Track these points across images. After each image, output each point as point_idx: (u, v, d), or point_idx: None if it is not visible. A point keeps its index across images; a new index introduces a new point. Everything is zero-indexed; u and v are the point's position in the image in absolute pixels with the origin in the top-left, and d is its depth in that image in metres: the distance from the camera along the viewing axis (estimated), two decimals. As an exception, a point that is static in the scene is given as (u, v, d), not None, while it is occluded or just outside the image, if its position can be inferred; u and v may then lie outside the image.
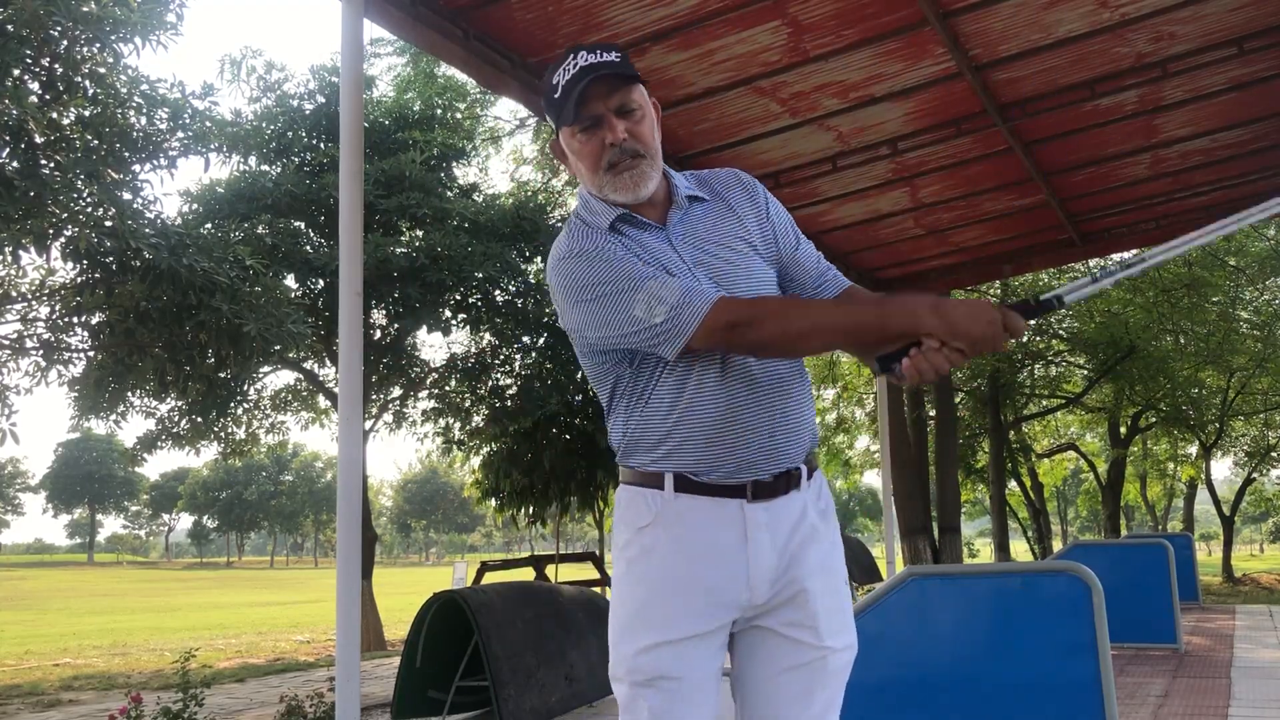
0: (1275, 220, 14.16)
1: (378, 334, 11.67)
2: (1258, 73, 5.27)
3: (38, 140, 6.54)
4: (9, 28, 5.97)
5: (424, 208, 10.74)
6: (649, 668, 1.65)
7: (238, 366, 8.52)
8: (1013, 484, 20.73)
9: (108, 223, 6.55)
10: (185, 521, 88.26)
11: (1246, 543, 71.93)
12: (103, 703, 7.75)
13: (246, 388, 12.12)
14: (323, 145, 11.26)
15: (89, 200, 6.63)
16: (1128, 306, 15.34)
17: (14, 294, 8.13)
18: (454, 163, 12.54)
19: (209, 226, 10.08)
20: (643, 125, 1.74)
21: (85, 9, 6.38)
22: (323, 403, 13.67)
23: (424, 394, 13.12)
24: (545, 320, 12.09)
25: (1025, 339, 17.93)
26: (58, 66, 6.57)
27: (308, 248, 10.76)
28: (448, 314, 11.50)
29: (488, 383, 12.50)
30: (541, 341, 12.27)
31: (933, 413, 13.94)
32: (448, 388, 12.87)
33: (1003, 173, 6.31)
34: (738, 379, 1.69)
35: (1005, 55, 4.91)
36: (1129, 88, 5.33)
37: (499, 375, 12.58)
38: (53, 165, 6.51)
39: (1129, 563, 7.38)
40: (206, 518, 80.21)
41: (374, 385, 12.10)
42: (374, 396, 12.50)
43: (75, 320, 8.11)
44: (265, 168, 11.17)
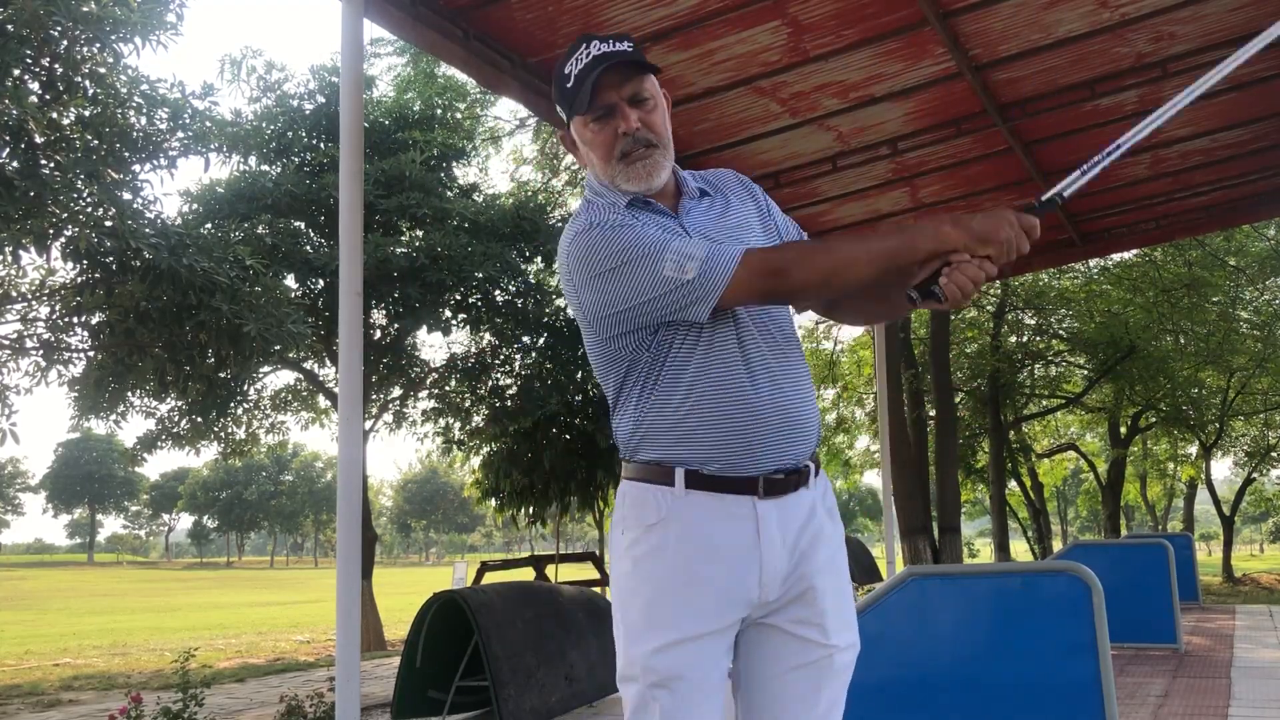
0: (1275, 220, 14.17)
1: (378, 334, 11.67)
2: (1258, 73, 5.26)
3: (38, 140, 6.54)
4: (9, 28, 5.97)
5: (424, 208, 10.75)
6: (664, 668, 1.62)
7: (238, 366, 8.53)
8: (1013, 484, 20.73)
9: (108, 223, 6.55)
10: (185, 521, 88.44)
11: (1246, 543, 71.94)
12: (103, 703, 7.75)
13: (246, 388, 12.12)
14: (323, 145, 11.27)
15: (89, 200, 6.63)
16: (1128, 306, 15.34)
17: (14, 294, 8.13)
18: (454, 163, 12.54)
19: (209, 226, 10.08)
20: (655, 115, 1.74)
21: (85, 9, 6.38)
22: (323, 403, 13.67)
23: (424, 394, 13.13)
24: (545, 320, 12.10)
25: (1025, 339, 17.97)
26: (58, 66, 6.57)
27: (308, 248, 10.77)
28: (448, 314, 11.50)
29: (488, 383, 12.51)
30: (541, 341, 12.28)
31: (933, 413, 13.96)
32: (448, 388, 12.87)
33: (1003, 173, 6.30)
34: (753, 370, 1.67)
35: (1005, 55, 4.91)
36: (1129, 88, 5.32)
37: (499, 375, 12.58)
38: (53, 165, 6.51)
39: (1129, 563, 7.39)
40: (206, 518, 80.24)
41: (374, 385, 12.10)
42: (374, 396, 12.50)
43: (75, 320, 8.11)
44: (265, 168, 11.17)
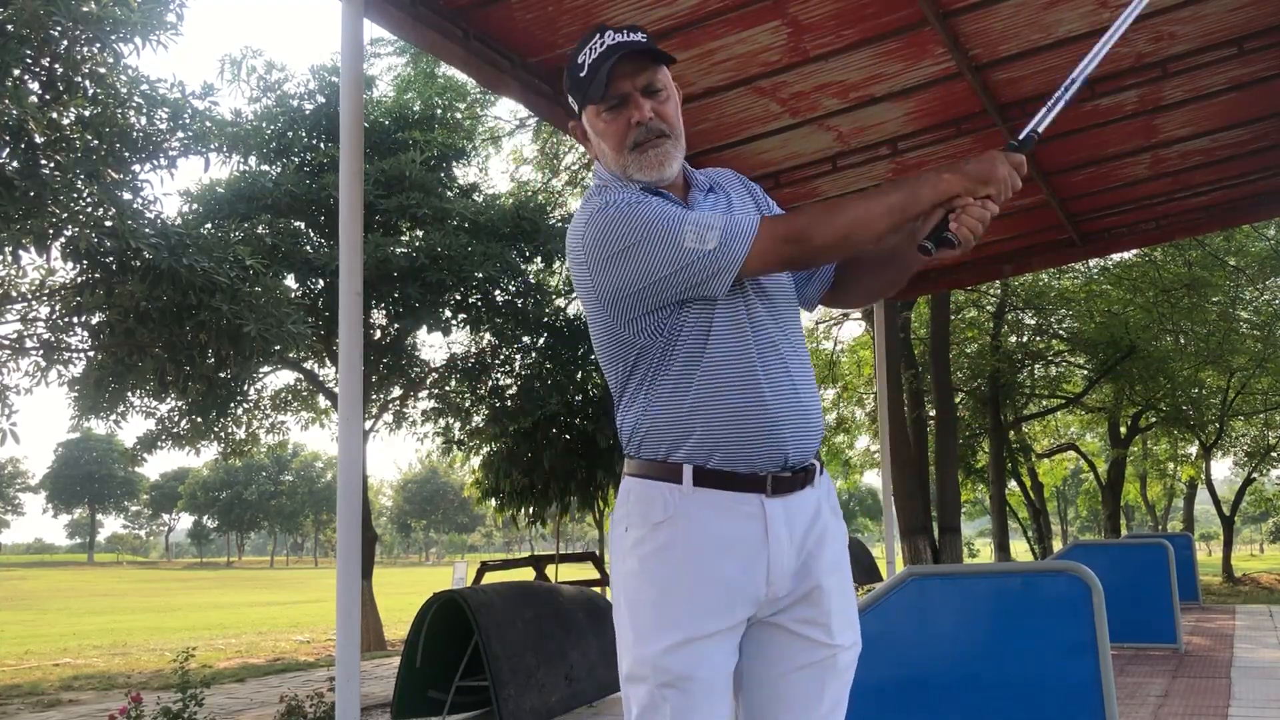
0: (1275, 220, 14.16)
1: (378, 334, 11.68)
2: (1258, 73, 5.26)
3: (38, 140, 6.55)
4: (9, 28, 5.97)
5: (424, 208, 10.75)
6: (675, 668, 1.60)
7: (238, 366, 8.53)
8: (1013, 484, 20.73)
9: (108, 223, 6.55)
10: (185, 521, 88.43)
11: (1246, 543, 71.93)
12: (103, 703, 7.75)
13: (246, 388, 12.12)
14: (323, 145, 11.27)
15: (89, 200, 6.63)
16: (1128, 306, 15.34)
17: (14, 294, 8.13)
18: (454, 163, 12.55)
19: (209, 226, 10.08)
20: (668, 106, 1.74)
21: (85, 9, 6.38)
22: (323, 403, 13.67)
23: (424, 394, 13.13)
24: (545, 320, 12.10)
25: (1025, 339, 17.99)
26: (58, 66, 6.57)
27: (308, 248, 10.77)
28: (448, 314, 11.50)
29: (488, 383, 12.51)
30: (541, 341, 12.28)
31: (933, 413, 13.95)
32: (448, 388, 12.87)
33: (1002, 173, 6.30)
34: (766, 363, 1.67)
35: (1005, 55, 4.91)
36: (1129, 88, 5.32)
37: (499, 375, 12.58)
38: (53, 165, 6.51)
39: (1129, 563, 7.39)
40: (206, 518, 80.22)
41: (374, 385, 12.10)
42: (374, 396, 12.50)
43: (75, 320, 8.11)
44: (265, 168, 11.17)
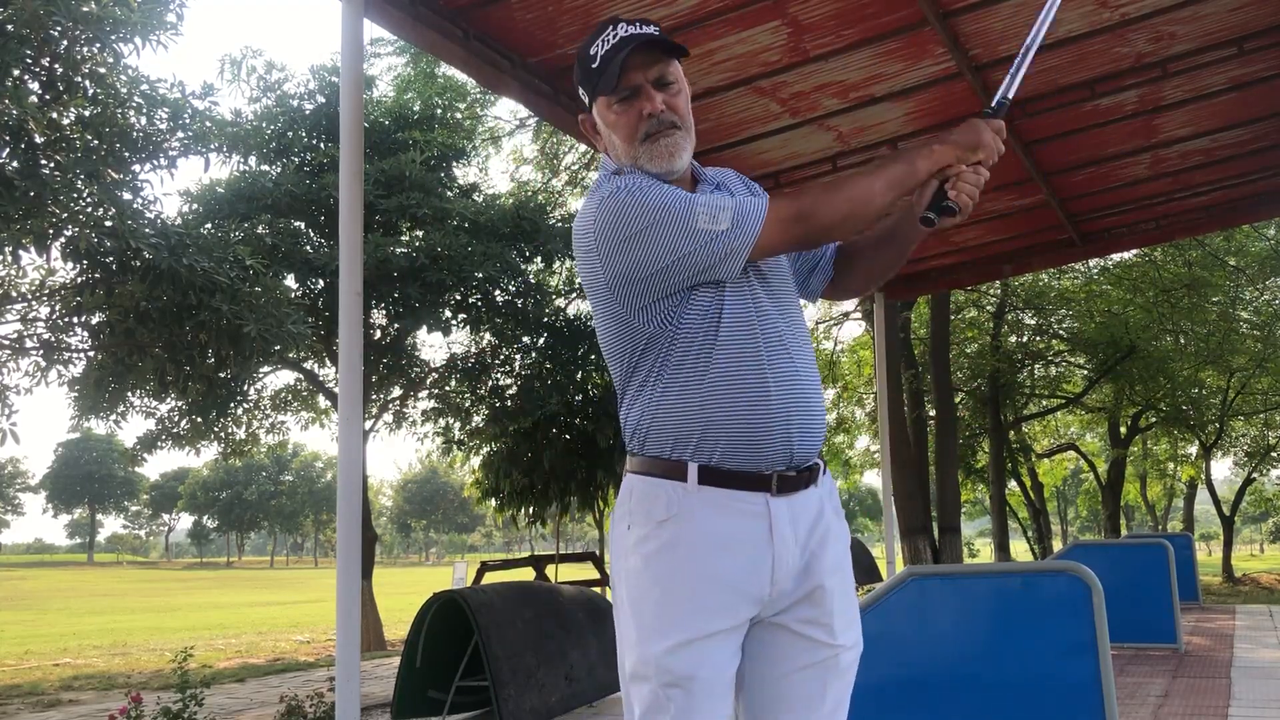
0: (1275, 220, 14.17)
1: (378, 334, 11.67)
2: (1258, 73, 5.26)
3: (38, 140, 6.55)
4: (9, 28, 5.97)
5: (424, 208, 10.75)
6: (679, 667, 1.60)
7: (238, 366, 8.53)
8: (1013, 484, 20.73)
9: (108, 223, 6.55)
10: (185, 521, 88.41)
11: (1246, 543, 71.93)
12: (103, 703, 7.75)
13: (246, 388, 12.12)
14: (323, 145, 11.27)
15: (89, 200, 6.63)
16: (1128, 306, 15.34)
17: (14, 294, 8.13)
18: (454, 163, 12.55)
19: (209, 226, 10.08)
20: (679, 99, 1.75)
21: (85, 9, 6.38)
22: (323, 403, 13.67)
23: (424, 394, 13.13)
24: (545, 320, 12.10)
25: (1025, 339, 18.00)
26: (58, 66, 6.57)
27: (308, 248, 10.77)
28: (448, 314, 11.50)
29: (488, 383, 12.51)
30: (541, 341, 12.28)
31: (933, 413, 13.95)
32: (448, 388, 12.87)
33: (1003, 173, 6.29)
34: (773, 358, 1.67)
35: (1005, 55, 4.90)
36: (1129, 88, 5.32)
37: (499, 375, 12.58)
38: (53, 165, 6.51)
39: (1129, 563, 7.39)
40: (206, 518, 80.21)
41: (374, 385, 12.10)
42: (374, 396, 12.50)
43: (75, 320, 8.11)
44: (265, 168, 11.17)
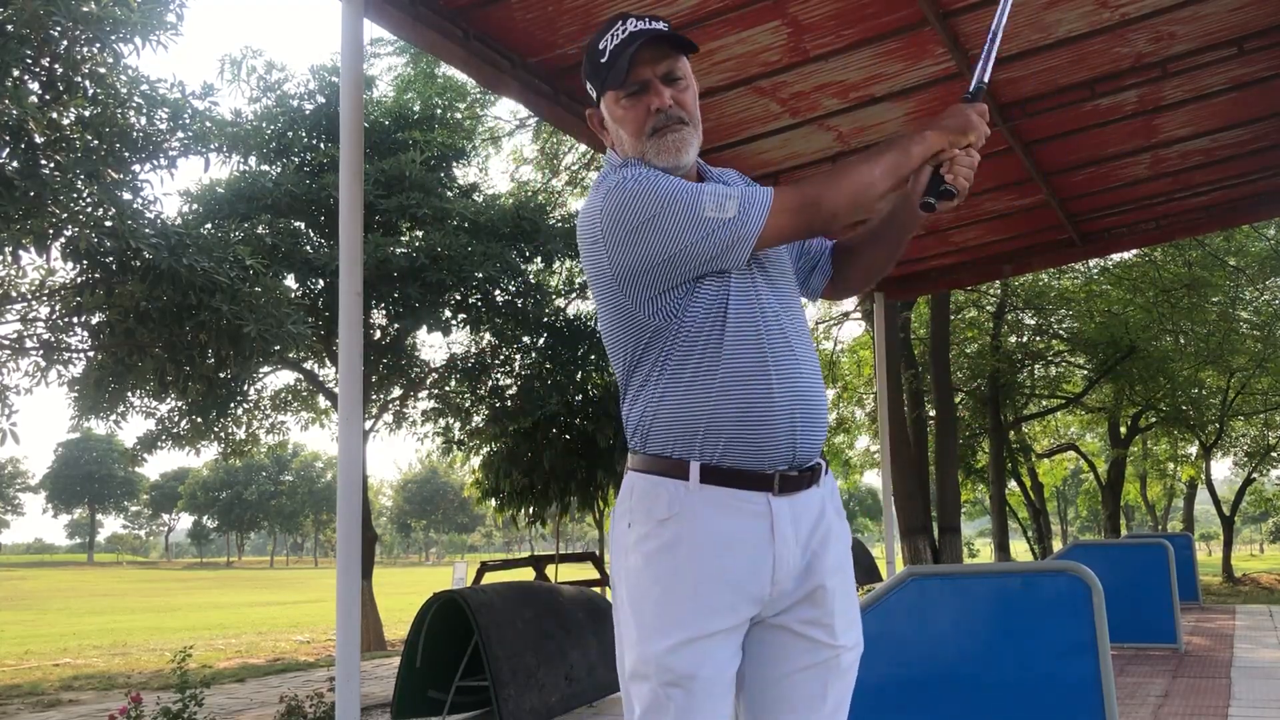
0: (1275, 220, 14.17)
1: (378, 334, 11.67)
2: (1258, 73, 5.26)
3: (38, 140, 6.55)
4: (9, 28, 5.97)
5: (424, 208, 10.75)
6: (680, 667, 1.59)
7: (238, 366, 8.53)
8: (1013, 484, 20.73)
9: (108, 223, 6.55)
10: (185, 521, 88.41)
11: (1246, 543, 71.94)
12: (103, 703, 7.75)
13: (246, 388, 12.12)
14: (323, 145, 11.27)
15: (89, 200, 6.63)
16: (1128, 306, 15.34)
17: (14, 294, 8.13)
18: (454, 163, 12.55)
19: (209, 226, 10.08)
20: (687, 95, 1.77)
21: (85, 9, 6.38)
22: (323, 403, 13.67)
23: (424, 394, 13.13)
24: (545, 320, 12.10)
25: (1025, 339, 18.00)
26: (58, 66, 6.57)
27: (308, 248, 10.77)
28: (448, 314, 11.50)
29: (488, 383, 12.51)
30: (541, 341, 12.28)
31: (933, 413, 13.95)
32: (448, 388, 12.87)
33: (1003, 173, 6.30)
34: (777, 356, 1.67)
35: (1005, 55, 4.90)
36: (1129, 88, 5.32)
37: (499, 375, 12.58)
38: (53, 165, 6.51)
39: (1129, 563, 7.39)
40: (206, 518, 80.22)
41: (374, 385, 12.10)
42: (374, 396, 12.50)
43: (75, 320, 8.11)
44: (265, 168, 11.17)
